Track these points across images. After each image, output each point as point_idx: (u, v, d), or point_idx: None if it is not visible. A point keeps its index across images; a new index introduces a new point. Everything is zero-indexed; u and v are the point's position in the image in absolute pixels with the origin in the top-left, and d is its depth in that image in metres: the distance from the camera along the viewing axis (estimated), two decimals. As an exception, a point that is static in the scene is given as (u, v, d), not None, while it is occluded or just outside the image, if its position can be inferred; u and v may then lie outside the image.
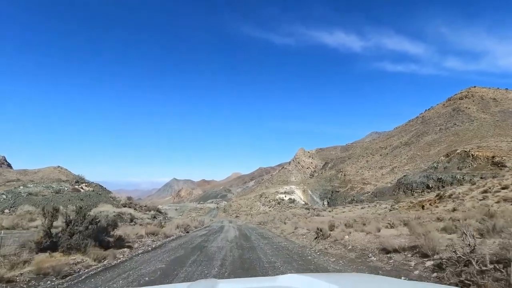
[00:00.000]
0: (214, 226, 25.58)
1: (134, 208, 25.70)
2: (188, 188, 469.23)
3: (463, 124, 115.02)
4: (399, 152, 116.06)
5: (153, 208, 31.85)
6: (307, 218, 21.18)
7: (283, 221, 22.18)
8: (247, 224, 30.61)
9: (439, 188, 48.53)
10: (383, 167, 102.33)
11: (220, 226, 25.47)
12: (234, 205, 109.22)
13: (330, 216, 25.23)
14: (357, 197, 71.16)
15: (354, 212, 26.04)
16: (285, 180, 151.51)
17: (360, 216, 18.15)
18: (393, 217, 12.81)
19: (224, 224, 30.33)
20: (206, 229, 22.34)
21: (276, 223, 23.38)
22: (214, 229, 21.61)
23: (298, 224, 16.66)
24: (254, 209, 75.67)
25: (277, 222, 23.28)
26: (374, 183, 77.88)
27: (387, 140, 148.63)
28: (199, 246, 11.31)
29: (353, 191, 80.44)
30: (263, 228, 22.64)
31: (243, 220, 42.81)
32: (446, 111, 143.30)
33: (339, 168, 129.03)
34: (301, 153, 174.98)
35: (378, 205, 29.25)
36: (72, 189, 30.69)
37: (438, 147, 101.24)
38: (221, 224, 30.70)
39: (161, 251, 9.89)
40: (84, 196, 29.47)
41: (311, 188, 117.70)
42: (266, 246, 10.89)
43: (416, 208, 17.32)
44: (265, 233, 17.83)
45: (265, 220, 27.65)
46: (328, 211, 26.98)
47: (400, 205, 20.80)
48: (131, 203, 27.94)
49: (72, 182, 34.01)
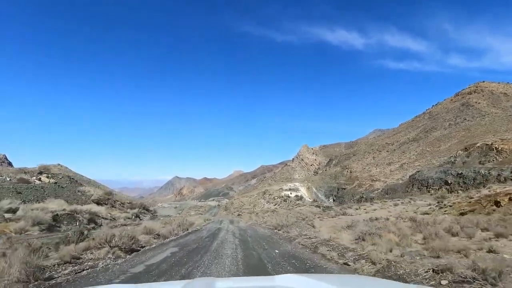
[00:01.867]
0: (205, 233, 17.17)
1: (112, 205, 22.06)
2: (190, 186, 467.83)
3: (474, 119, 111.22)
4: (407, 148, 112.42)
5: (139, 206, 27.85)
6: (333, 218, 17.39)
7: (307, 222, 16.92)
8: (254, 228, 21.12)
9: (459, 184, 44.89)
10: (391, 163, 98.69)
11: (214, 232, 17.43)
12: (236, 202, 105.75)
13: (361, 215, 20.10)
14: (367, 194, 67.55)
15: (387, 209, 21.99)
16: (289, 177, 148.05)
17: (413, 218, 12.77)
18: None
19: (222, 226, 23.02)
20: (187, 238, 14.18)
21: (302, 227, 15.82)
22: (199, 240, 13.14)
23: (353, 229, 10.91)
24: (257, 206, 72.03)
25: (303, 224, 16.36)
26: (383, 180, 74.22)
27: (394, 136, 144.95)
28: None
29: (361, 188, 76.80)
30: (288, 237, 13.06)
31: (246, 220, 36.01)
32: (454, 106, 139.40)
33: (345, 165, 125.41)
34: (304, 150, 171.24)
35: (412, 201, 25.56)
36: (18, 179, 25.28)
37: (448, 142, 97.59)
38: (218, 226, 23.50)
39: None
40: (34, 188, 23.26)
41: (316, 185, 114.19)
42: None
43: (484, 205, 13.75)
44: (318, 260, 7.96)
45: (281, 223, 17.79)
46: (354, 209, 22.90)
47: (450, 201, 17.13)
48: (109, 199, 24.03)
49: (34, 172, 29.42)
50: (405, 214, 15.84)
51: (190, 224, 22.06)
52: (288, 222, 17.23)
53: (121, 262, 7.57)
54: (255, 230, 19.37)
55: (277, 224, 17.90)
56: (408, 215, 15.26)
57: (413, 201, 25.73)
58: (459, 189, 44.38)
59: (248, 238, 13.59)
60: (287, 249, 9.85)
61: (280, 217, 24.99)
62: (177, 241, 12.75)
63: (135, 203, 28.77)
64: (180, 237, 14.48)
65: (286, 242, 11.73)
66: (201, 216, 42.63)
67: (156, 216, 28.53)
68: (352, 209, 22.54)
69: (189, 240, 13.14)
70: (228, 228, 21.26)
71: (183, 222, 20.43)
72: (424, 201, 24.74)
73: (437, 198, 24.38)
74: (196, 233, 17.15)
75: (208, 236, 14.97)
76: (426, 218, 13.11)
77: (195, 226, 22.71)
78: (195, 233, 17.14)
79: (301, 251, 9.20)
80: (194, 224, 23.85)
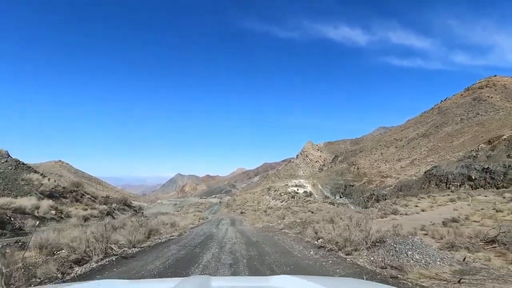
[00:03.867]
0: (173, 250, 9.17)
1: (76, 199, 18.00)
2: (193, 184, 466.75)
3: (488, 113, 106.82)
4: (417, 143, 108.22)
5: (117, 201, 23.19)
6: (383, 219, 12.93)
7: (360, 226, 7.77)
8: (278, 241, 11.19)
9: (485, 180, 40.95)
10: (401, 159, 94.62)
11: (197, 245, 10.33)
12: (239, 199, 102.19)
13: (421, 214, 15.52)
14: (378, 191, 63.68)
15: (445, 206, 17.94)
16: (293, 174, 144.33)
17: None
18: None
19: (217, 231, 16.28)
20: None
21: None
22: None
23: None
24: (262, 203, 68.20)
25: (354, 232, 7.48)
26: (395, 176, 70.36)
27: (401, 132, 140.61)
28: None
29: (372, 184, 73.00)
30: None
31: (252, 219, 28.60)
32: (465, 101, 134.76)
33: (351, 161, 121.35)
34: (309, 146, 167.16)
35: (469, 196, 21.64)
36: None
37: (461, 137, 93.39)
38: (211, 230, 17.02)
39: None
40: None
41: (321, 182, 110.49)
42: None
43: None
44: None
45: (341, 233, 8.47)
46: (402, 206, 18.70)
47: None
48: (75, 191, 19.38)
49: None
50: (482, 212, 12.06)
51: (173, 224, 16.55)
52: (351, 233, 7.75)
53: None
54: (273, 240, 11.21)
55: (337, 234, 8.10)
56: (488, 212, 11.67)
57: (470, 196, 21.79)
58: (485, 185, 40.41)
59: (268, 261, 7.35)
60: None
61: (312, 216, 18.66)
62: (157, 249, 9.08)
63: (112, 198, 24.56)
64: (161, 244, 9.92)
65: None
66: (199, 214, 37.73)
67: (141, 213, 24.78)
68: (398, 205, 18.55)
69: (169, 255, 8.07)
70: (226, 234, 14.25)
71: (161, 223, 15.13)
72: (484, 196, 20.76)
73: (500, 193, 20.56)
74: (155, 250, 9.16)
75: (198, 243, 10.19)
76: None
77: (180, 229, 16.38)
78: (155, 250, 9.27)
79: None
80: (180, 225, 18.26)
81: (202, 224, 24.25)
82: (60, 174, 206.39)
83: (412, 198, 25.19)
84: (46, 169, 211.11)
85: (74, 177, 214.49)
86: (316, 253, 7.99)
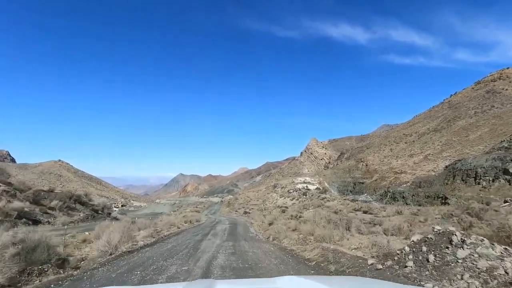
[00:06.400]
0: None
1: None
2: (195, 183, 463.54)
3: (504, 106, 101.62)
4: (428, 138, 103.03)
5: (62, 197, 16.49)
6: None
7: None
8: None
9: (526, 173, 35.87)
10: (413, 155, 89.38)
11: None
12: (241, 198, 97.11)
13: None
14: (393, 188, 58.53)
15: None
16: (297, 172, 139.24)
17: None
18: None
19: (200, 260, 7.94)
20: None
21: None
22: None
23: None
24: (269, 202, 62.83)
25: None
26: (410, 172, 65.14)
27: (410, 128, 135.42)
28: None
29: (385, 181, 67.87)
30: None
31: (260, 222, 21.19)
32: (477, 94, 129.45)
33: (359, 158, 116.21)
34: (313, 143, 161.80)
35: None
36: None
37: (478, 131, 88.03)
38: (187, 256, 8.67)
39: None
40: None
41: (328, 180, 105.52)
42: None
43: None
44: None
45: None
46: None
47: None
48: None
49: None
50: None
51: (130, 238, 10.53)
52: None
53: None
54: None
55: None
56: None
57: None
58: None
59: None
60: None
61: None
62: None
63: (58, 193, 18.43)
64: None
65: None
66: (191, 215, 30.96)
67: (106, 214, 19.75)
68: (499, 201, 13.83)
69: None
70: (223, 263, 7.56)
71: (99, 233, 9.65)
72: None
73: None
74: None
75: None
76: None
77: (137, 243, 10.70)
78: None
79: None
80: (138, 237, 11.60)
81: (180, 233, 15.69)
82: (60, 174, 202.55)
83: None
84: (46, 169, 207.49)
85: (74, 177, 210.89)
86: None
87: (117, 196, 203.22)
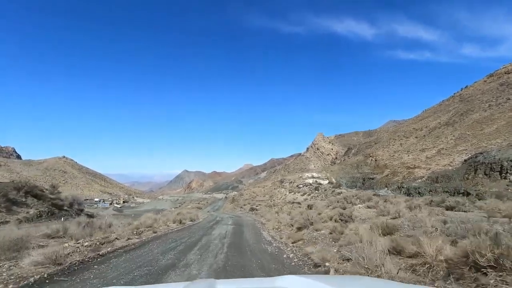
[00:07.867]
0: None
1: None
2: (199, 180, 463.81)
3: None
4: (441, 132, 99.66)
5: (2, 188, 13.25)
6: None
7: None
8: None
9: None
10: (425, 149, 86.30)
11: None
12: (247, 193, 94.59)
13: None
14: (407, 183, 55.67)
15: None
16: (303, 168, 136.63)
17: None
18: None
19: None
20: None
21: None
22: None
23: None
24: (276, 197, 60.26)
25: None
26: (425, 167, 62.29)
27: (420, 122, 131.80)
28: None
29: (397, 176, 65.10)
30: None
31: (273, 221, 18.11)
32: (490, 87, 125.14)
33: (367, 153, 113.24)
34: (320, 139, 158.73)
35: None
36: None
37: (493, 124, 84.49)
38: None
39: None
40: None
41: (336, 176, 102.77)
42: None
43: None
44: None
45: None
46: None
47: None
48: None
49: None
50: None
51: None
52: None
53: None
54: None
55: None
56: None
57: None
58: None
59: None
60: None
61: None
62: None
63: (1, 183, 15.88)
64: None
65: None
66: (194, 211, 27.93)
67: (76, 210, 17.44)
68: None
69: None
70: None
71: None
72: None
73: None
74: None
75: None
76: None
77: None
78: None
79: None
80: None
81: (144, 245, 9.74)
82: (64, 170, 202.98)
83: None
84: (50, 165, 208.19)
85: (78, 173, 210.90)
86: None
87: (121, 192, 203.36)
